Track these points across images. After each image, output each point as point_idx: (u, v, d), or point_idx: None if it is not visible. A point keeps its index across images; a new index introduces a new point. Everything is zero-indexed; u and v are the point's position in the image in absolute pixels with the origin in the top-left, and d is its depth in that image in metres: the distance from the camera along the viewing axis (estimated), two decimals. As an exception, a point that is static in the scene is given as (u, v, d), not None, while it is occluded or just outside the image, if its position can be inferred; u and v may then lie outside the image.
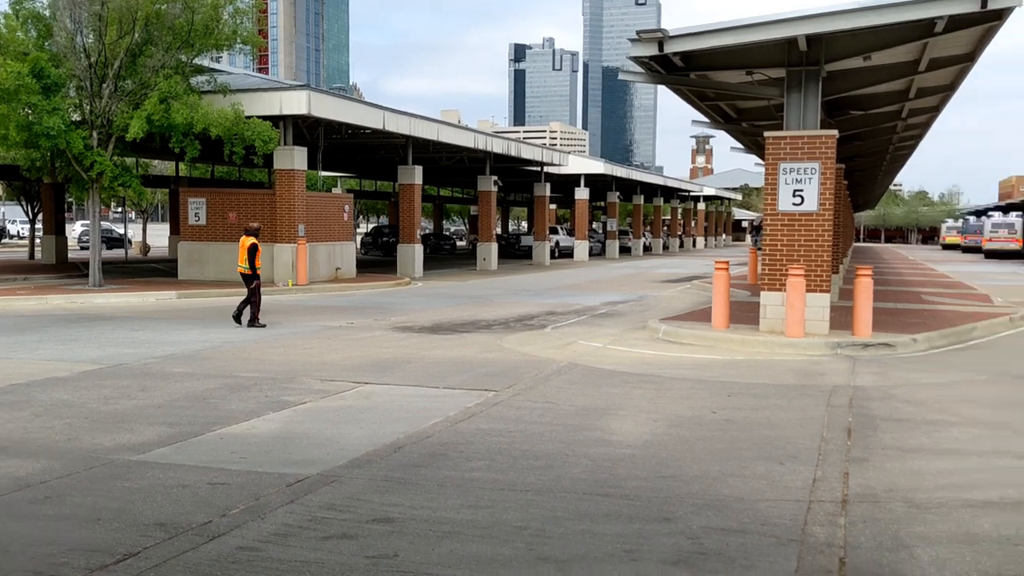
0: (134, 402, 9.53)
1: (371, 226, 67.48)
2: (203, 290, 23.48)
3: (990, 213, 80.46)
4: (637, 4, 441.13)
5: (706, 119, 21.97)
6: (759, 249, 21.02)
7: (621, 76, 15.87)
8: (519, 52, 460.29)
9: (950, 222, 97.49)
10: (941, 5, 12.96)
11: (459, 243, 70.68)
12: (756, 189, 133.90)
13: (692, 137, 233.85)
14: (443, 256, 51.04)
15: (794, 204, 14.72)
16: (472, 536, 5.50)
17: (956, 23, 13.80)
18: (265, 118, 23.71)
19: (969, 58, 17.27)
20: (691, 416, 9.07)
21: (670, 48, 14.13)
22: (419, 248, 32.47)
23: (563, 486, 6.56)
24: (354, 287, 26.26)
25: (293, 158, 25.60)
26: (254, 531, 5.56)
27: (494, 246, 38.35)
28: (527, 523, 5.74)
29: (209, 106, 22.93)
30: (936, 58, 16.70)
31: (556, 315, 19.16)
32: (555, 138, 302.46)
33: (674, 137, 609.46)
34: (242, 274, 16.85)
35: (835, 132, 14.80)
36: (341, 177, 56.16)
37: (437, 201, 69.54)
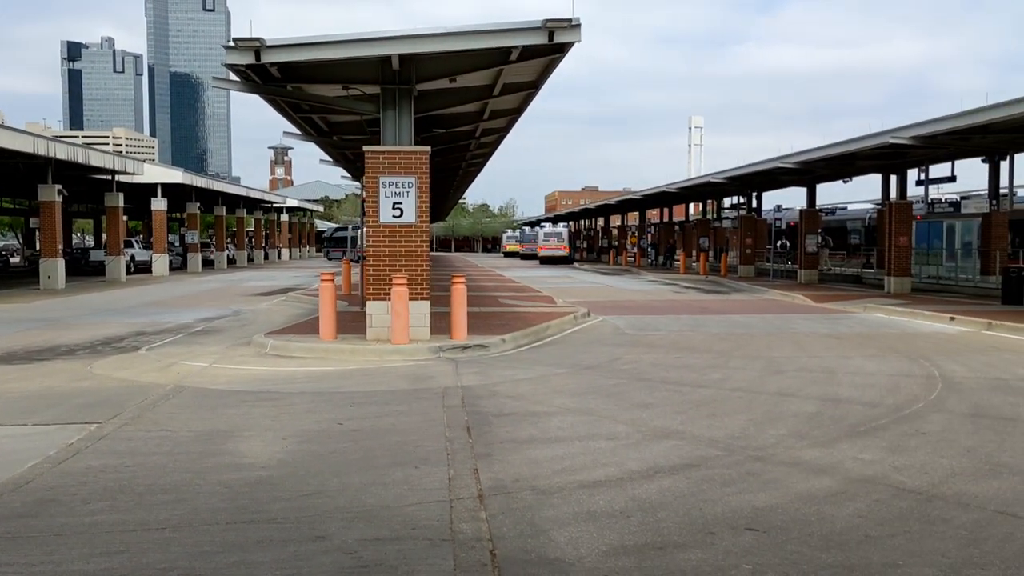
0: None
1: None
2: None
3: (542, 224, 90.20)
4: (205, 10, 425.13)
5: (299, 131, 21.92)
6: (357, 260, 21.38)
7: (214, 84, 15.25)
8: (73, 50, 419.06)
9: (510, 232, 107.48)
10: (518, 36, 14.29)
11: (12, 260, 62.50)
12: (336, 201, 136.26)
13: (270, 148, 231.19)
14: (-7, 275, 44.84)
15: (394, 216, 15.26)
16: (111, 586, 4.96)
17: (528, 53, 15.33)
18: None
19: (534, 85, 19.24)
20: (319, 430, 9.01)
21: (267, 58, 13.89)
22: (-33, 267, 28.18)
23: (202, 518, 6.16)
24: None
25: None
26: None
27: (61, 262, 34.51)
28: (172, 563, 5.31)
29: None
30: (509, 83, 18.37)
31: (148, 335, 17.82)
32: (120, 145, 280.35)
33: (251, 147, 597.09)
34: None
35: (428, 148, 15.62)
36: None
37: (-19, 213, 60.87)
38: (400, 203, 15.25)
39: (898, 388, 11.66)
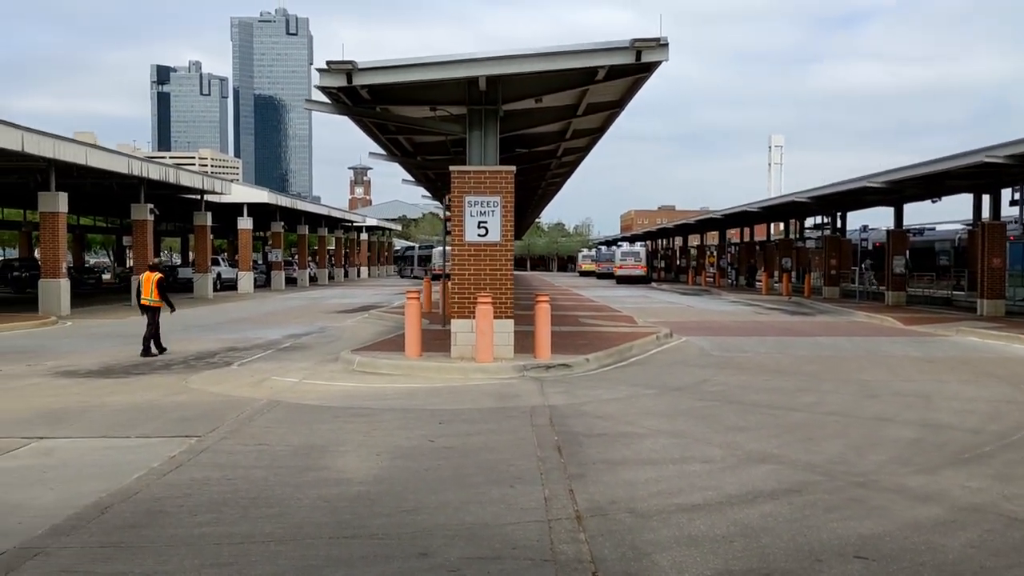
0: None
1: (-3, 259, 59.86)
2: None
3: (619, 243, 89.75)
4: (288, 34, 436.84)
5: (383, 152, 22.28)
6: (442, 278, 21.62)
7: (306, 107, 15.62)
8: (162, 74, 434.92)
9: (585, 251, 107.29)
10: (604, 56, 14.30)
11: (104, 276, 64.86)
12: (414, 220, 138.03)
13: (350, 168, 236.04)
14: (87, 292, 46.53)
15: (479, 235, 15.37)
16: (222, 597, 5.06)
17: (614, 72, 15.32)
18: None
19: (618, 104, 19.18)
20: (411, 447, 9.08)
21: (359, 80, 14.17)
22: (65, 283, 29.34)
23: (306, 532, 6.25)
24: (-10, 329, 23.08)
25: (-92, 182, 22.04)
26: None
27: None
28: (280, 576, 5.40)
29: None
30: (593, 103, 18.36)
31: (239, 351, 18.27)
32: (205, 165, 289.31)
33: (331, 168, 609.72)
34: (145, 306, 18.02)
35: (513, 168, 15.71)
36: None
37: (78, 231, 63.39)
38: (485, 222, 15.35)
39: (1000, 415, 11.21)
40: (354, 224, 77.38)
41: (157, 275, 18.43)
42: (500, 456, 8.67)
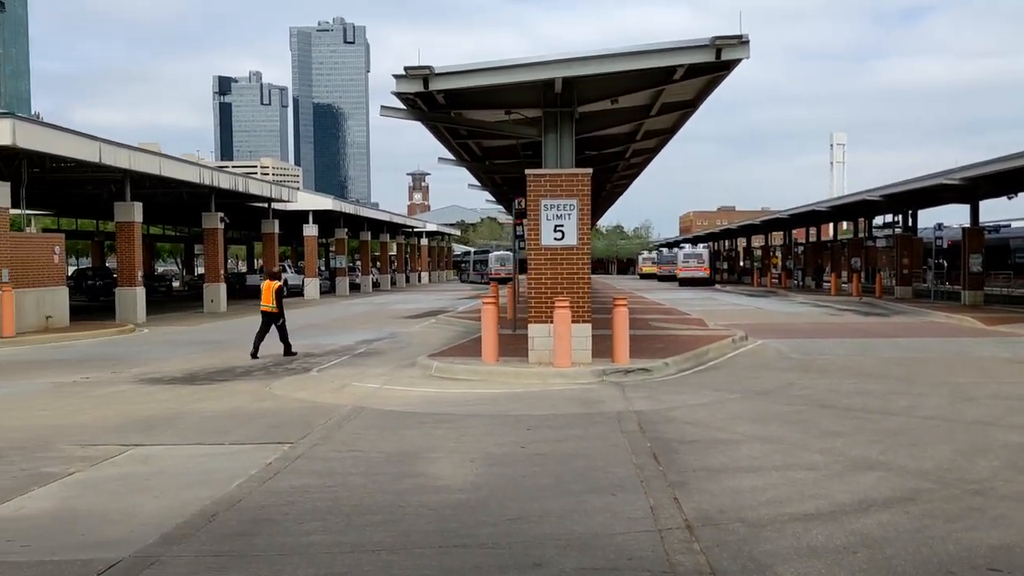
0: None
1: (72, 268, 61.51)
2: None
3: (682, 245, 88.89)
4: (346, 42, 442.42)
5: (452, 157, 22.29)
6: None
7: (382, 114, 15.65)
8: (224, 85, 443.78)
9: (646, 254, 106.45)
10: (684, 54, 14.07)
11: (174, 284, 66.21)
12: (472, 225, 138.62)
13: (408, 174, 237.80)
14: (158, 299, 47.55)
15: (556, 239, 15.23)
16: (342, 608, 5.00)
17: (693, 71, 15.07)
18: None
19: (691, 104, 18.89)
20: (503, 453, 8.98)
21: (435, 85, 14.16)
22: (141, 291, 29.98)
23: (415, 541, 6.17)
24: (71, 337, 23.65)
25: (-6, 194, 22.71)
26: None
27: (223, 286, 36.32)
28: (396, 586, 5.32)
29: None
30: (667, 103, 18.11)
31: (315, 356, 18.40)
32: (267, 173, 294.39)
33: (389, 174, 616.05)
34: (265, 312, 19.00)
35: (589, 170, 15.54)
36: (36, 215, 50.80)
37: (148, 240, 64.79)
38: (562, 225, 15.20)
39: (1113, 419, 10.71)
40: (414, 230, 77.92)
41: (276, 283, 19.37)
42: (595, 463, 8.51)
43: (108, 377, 15.47)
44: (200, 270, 72.31)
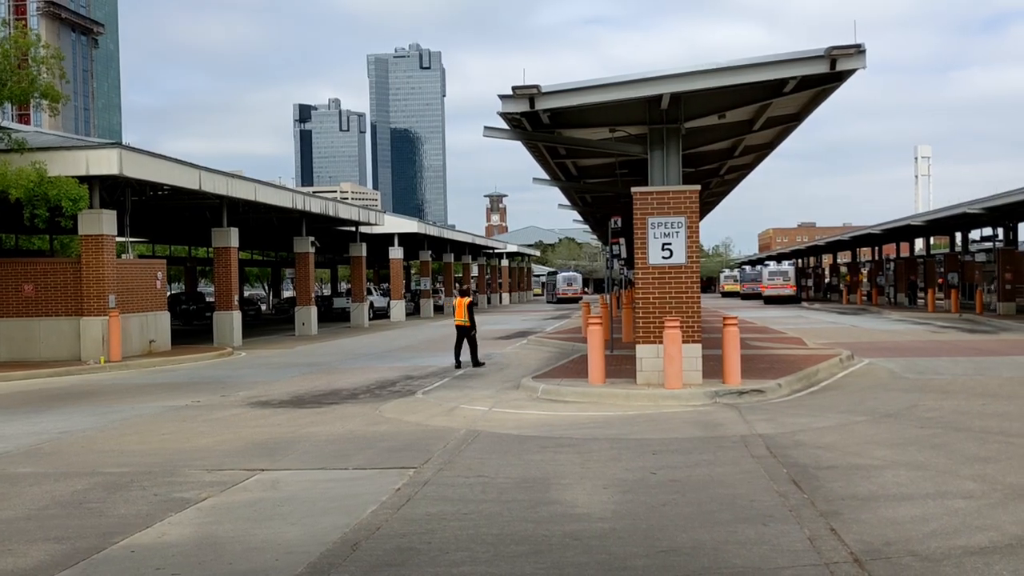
0: (-11, 514, 7.93)
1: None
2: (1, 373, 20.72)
3: (766, 263, 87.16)
4: (422, 68, 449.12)
5: (547, 176, 22.16)
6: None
7: (486, 134, 15.59)
8: (304, 113, 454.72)
9: (727, 272, 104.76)
10: (796, 66, 13.66)
11: (262, 307, 67.60)
12: (550, 245, 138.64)
13: (486, 196, 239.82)
14: (248, 322, 48.51)
15: (664, 257, 14.90)
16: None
17: (804, 83, 14.63)
18: (68, 178, 21.52)
19: (796, 118, 18.38)
20: (634, 479, 8.68)
21: (541, 105, 14.02)
22: (238, 315, 30.57)
23: (570, 573, 5.92)
24: (173, 361, 24.16)
25: (101, 222, 23.42)
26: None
27: (314, 310, 36.83)
28: (562, 622, 5.07)
29: (6, 165, 20.60)
30: (772, 117, 17.65)
31: (415, 379, 18.37)
32: (346, 198, 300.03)
33: (464, 197, 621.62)
34: (459, 327, 20.67)
35: (698, 187, 15.21)
36: (133, 242, 52.40)
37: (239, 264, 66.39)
38: (669, 243, 14.87)
39: None
40: (495, 251, 78.13)
41: (467, 299, 21.08)
42: (734, 491, 8.15)
43: (218, 401, 15.66)
44: (286, 293, 73.79)
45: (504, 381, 17.43)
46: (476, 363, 20.50)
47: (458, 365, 20.39)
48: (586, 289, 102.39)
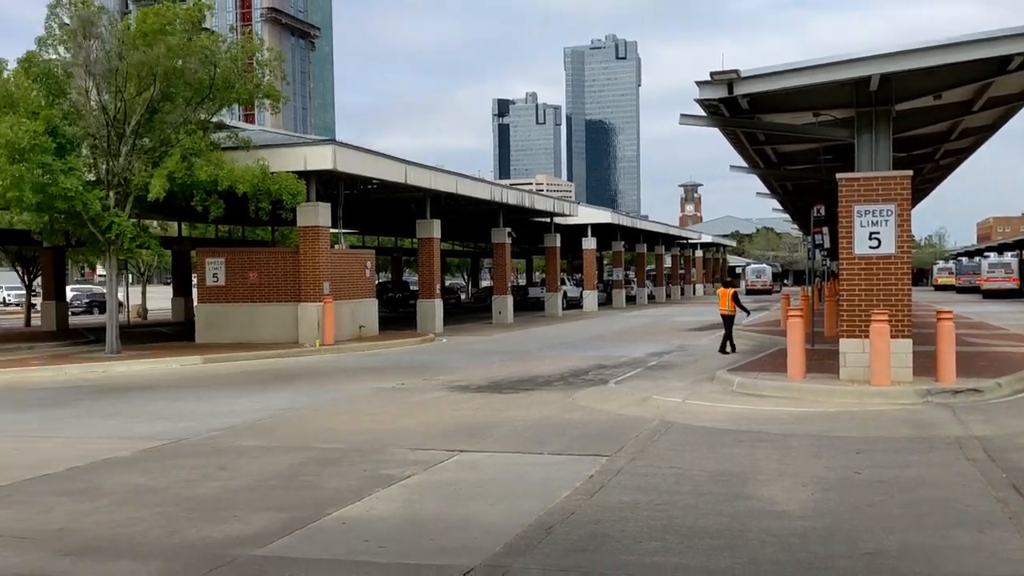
0: (220, 483, 8.70)
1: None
2: (228, 354, 22.58)
3: (986, 254, 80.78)
4: (618, 58, 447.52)
5: (745, 164, 21.57)
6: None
7: (682, 122, 15.38)
8: (503, 107, 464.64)
9: (941, 263, 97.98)
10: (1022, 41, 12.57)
11: (462, 296, 69.78)
12: (747, 235, 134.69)
13: (680, 186, 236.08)
14: (448, 310, 50.27)
15: (871, 247, 14.16)
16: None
17: (1032, 58, 13.43)
18: (287, 173, 23.10)
19: (1020, 97, 16.92)
20: (836, 478, 8.34)
21: (739, 90, 13.67)
22: (439, 303, 31.76)
23: (767, 570, 5.81)
24: (381, 345, 25.48)
25: (317, 214, 24.99)
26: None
27: (510, 299, 37.69)
28: (758, 618, 4.99)
29: (233, 162, 22.37)
30: (994, 97, 16.35)
31: (608, 368, 18.44)
32: (541, 190, 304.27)
33: (657, 187, 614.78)
34: (723, 315, 21.37)
35: (909, 173, 14.35)
36: (345, 233, 55.52)
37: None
38: (877, 232, 14.11)
39: None
40: (689, 241, 76.84)
41: (732, 289, 21.85)
42: (947, 494, 7.67)
43: (421, 384, 16.38)
44: (484, 283, 75.86)
45: (698, 373, 17.17)
46: (722, 349, 20.99)
47: (725, 351, 20.79)
48: (785, 281, 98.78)
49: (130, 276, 52.87)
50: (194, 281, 33.17)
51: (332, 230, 26.48)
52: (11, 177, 20.08)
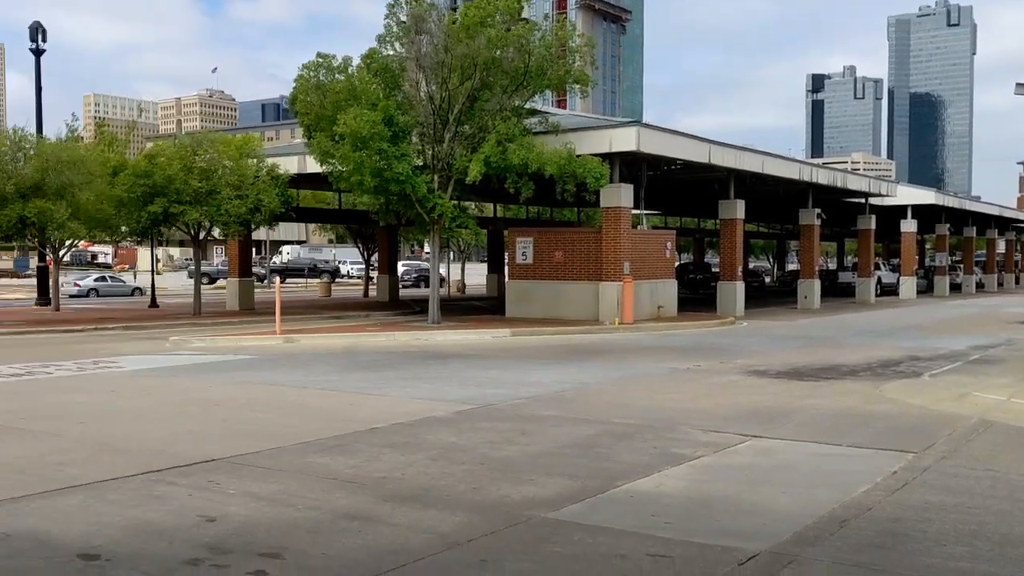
0: (519, 448, 9.31)
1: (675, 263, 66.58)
2: (533, 328, 23.79)
3: None
4: (949, 26, 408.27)
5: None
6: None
7: (1017, 91, 13.89)
8: (817, 82, 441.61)
9: None
10: None
11: (766, 280, 67.68)
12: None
13: (1019, 163, 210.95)
14: (751, 293, 48.99)
15: None
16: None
17: None
18: (592, 156, 23.75)
19: None
20: None
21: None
22: (741, 286, 31.16)
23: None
24: (678, 326, 25.55)
25: (620, 195, 25.47)
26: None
27: (817, 283, 36.09)
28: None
29: (543, 146, 23.40)
30: None
31: (922, 360, 17.18)
32: (857, 168, 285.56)
33: (991, 164, 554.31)
34: None
35: None
36: (647, 214, 55.92)
37: (743, 236, 67.23)
38: None
39: None
40: (1029, 225, 68.74)
41: None
42: None
43: (717, 366, 16.29)
44: (790, 266, 73.00)
45: (1030, 371, 15.51)
46: None
47: None
48: None
49: (451, 253, 57.05)
50: (505, 259, 35.15)
51: (634, 211, 26.83)
52: (354, 163, 22.57)
